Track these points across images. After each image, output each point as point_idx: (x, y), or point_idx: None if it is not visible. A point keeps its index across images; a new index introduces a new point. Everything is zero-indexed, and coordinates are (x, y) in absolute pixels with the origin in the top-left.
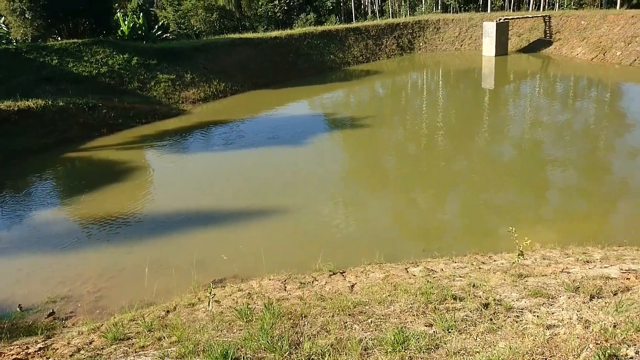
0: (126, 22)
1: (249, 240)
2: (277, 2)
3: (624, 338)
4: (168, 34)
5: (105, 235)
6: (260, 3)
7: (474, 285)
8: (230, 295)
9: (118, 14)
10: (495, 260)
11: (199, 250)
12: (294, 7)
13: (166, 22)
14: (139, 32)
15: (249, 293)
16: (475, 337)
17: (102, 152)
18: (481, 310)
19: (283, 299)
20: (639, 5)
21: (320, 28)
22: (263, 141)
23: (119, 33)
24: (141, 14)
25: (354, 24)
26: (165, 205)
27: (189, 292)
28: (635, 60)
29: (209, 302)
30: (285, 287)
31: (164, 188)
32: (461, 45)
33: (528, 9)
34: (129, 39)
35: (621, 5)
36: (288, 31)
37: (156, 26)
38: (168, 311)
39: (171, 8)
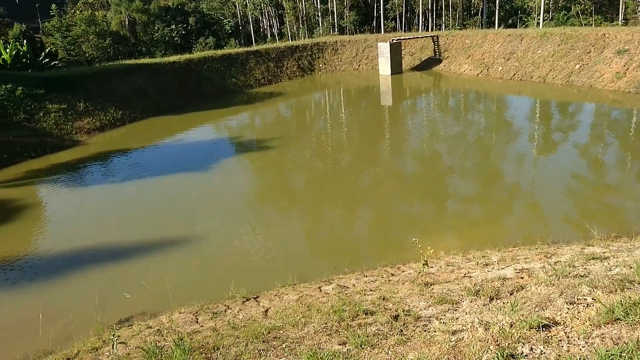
0: (8, 50)
1: (155, 275)
2: (174, 26)
3: (520, 337)
4: (57, 62)
5: None
6: (156, 28)
7: (384, 298)
8: (139, 334)
9: None
10: (403, 271)
11: (101, 290)
12: (192, 31)
13: (54, 49)
14: (23, 60)
15: (158, 330)
16: (386, 351)
17: None
18: (391, 322)
19: (195, 332)
20: (514, 24)
21: (220, 52)
22: (167, 169)
23: (0, 62)
24: (25, 41)
25: (254, 47)
26: (61, 244)
27: (92, 335)
28: (514, 74)
29: (113, 344)
30: (197, 319)
31: (58, 226)
32: (359, 65)
33: (418, 30)
34: (12, 68)
35: (499, 25)
36: (187, 55)
37: (43, 54)
38: (69, 359)
39: (59, 34)
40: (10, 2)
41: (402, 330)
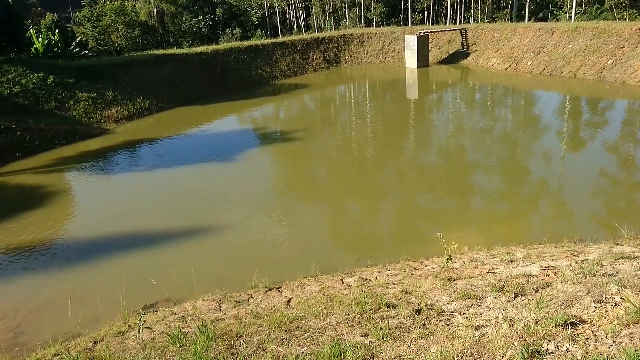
0: (40, 39)
1: (180, 262)
2: (201, 17)
3: (545, 334)
4: (87, 51)
5: (22, 266)
6: (184, 18)
7: (406, 292)
8: (163, 319)
9: (31, 30)
10: (426, 266)
11: (127, 276)
12: (219, 22)
13: (84, 38)
14: (55, 49)
15: (182, 316)
16: (409, 344)
17: (17, 177)
18: (414, 316)
19: (218, 320)
20: (545, 18)
21: (246, 43)
22: (192, 159)
23: (33, 50)
24: (57, 31)
25: (281, 39)
26: (89, 230)
27: (118, 319)
28: (544, 69)
29: (139, 329)
30: (221, 307)
31: (87, 212)
32: (385, 58)
33: (446, 23)
34: (44, 57)
35: (529, 19)
36: (214, 46)
37: (73, 43)
38: (96, 342)
39: (89, 24)
40: None
41: (424, 324)
